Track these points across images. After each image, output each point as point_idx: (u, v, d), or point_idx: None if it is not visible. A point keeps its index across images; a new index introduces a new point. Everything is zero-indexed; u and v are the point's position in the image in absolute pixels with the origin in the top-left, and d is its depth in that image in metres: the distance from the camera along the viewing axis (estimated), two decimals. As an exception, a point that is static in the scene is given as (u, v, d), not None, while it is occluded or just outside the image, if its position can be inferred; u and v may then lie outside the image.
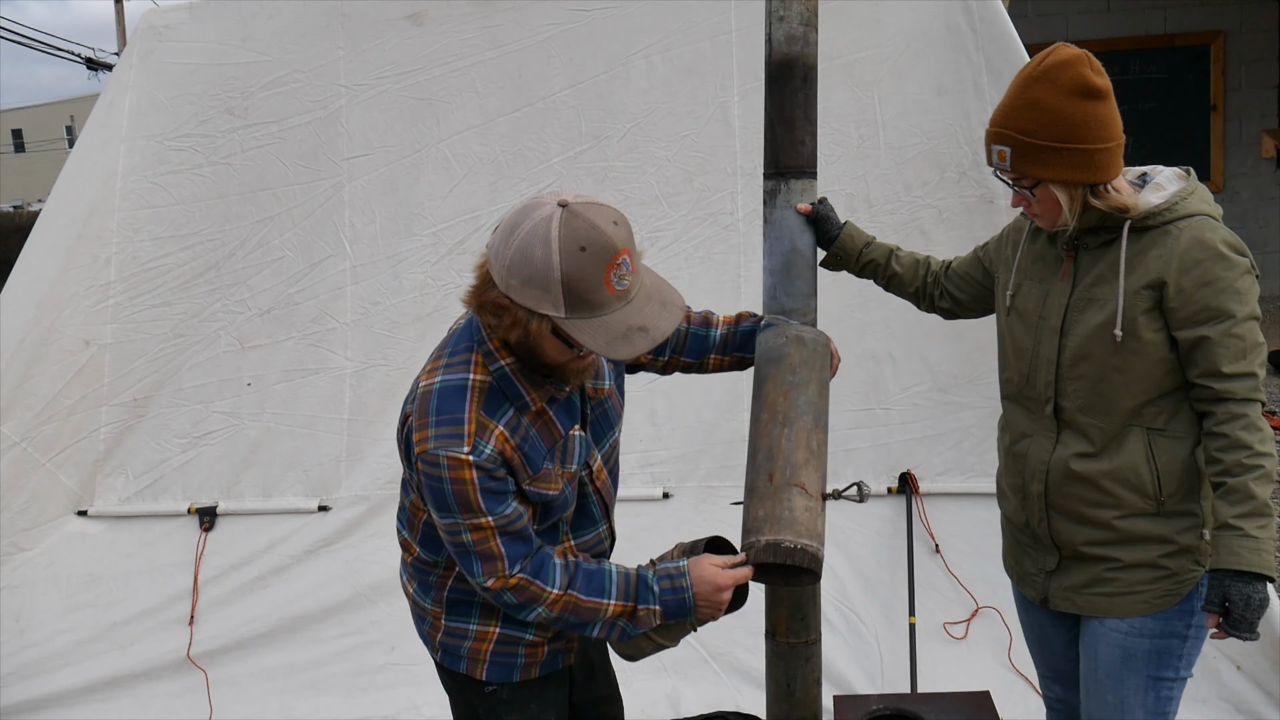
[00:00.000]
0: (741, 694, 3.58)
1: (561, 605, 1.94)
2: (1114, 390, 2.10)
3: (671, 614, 1.95)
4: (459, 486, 1.83)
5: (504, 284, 1.77)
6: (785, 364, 2.09)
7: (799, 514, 1.90)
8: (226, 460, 4.11)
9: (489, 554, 1.89)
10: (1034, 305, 2.22)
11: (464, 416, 1.84)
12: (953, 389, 3.76)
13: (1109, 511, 2.14)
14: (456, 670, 2.14)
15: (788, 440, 1.98)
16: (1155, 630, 2.16)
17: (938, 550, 3.68)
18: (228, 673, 3.89)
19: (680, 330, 2.30)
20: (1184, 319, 2.03)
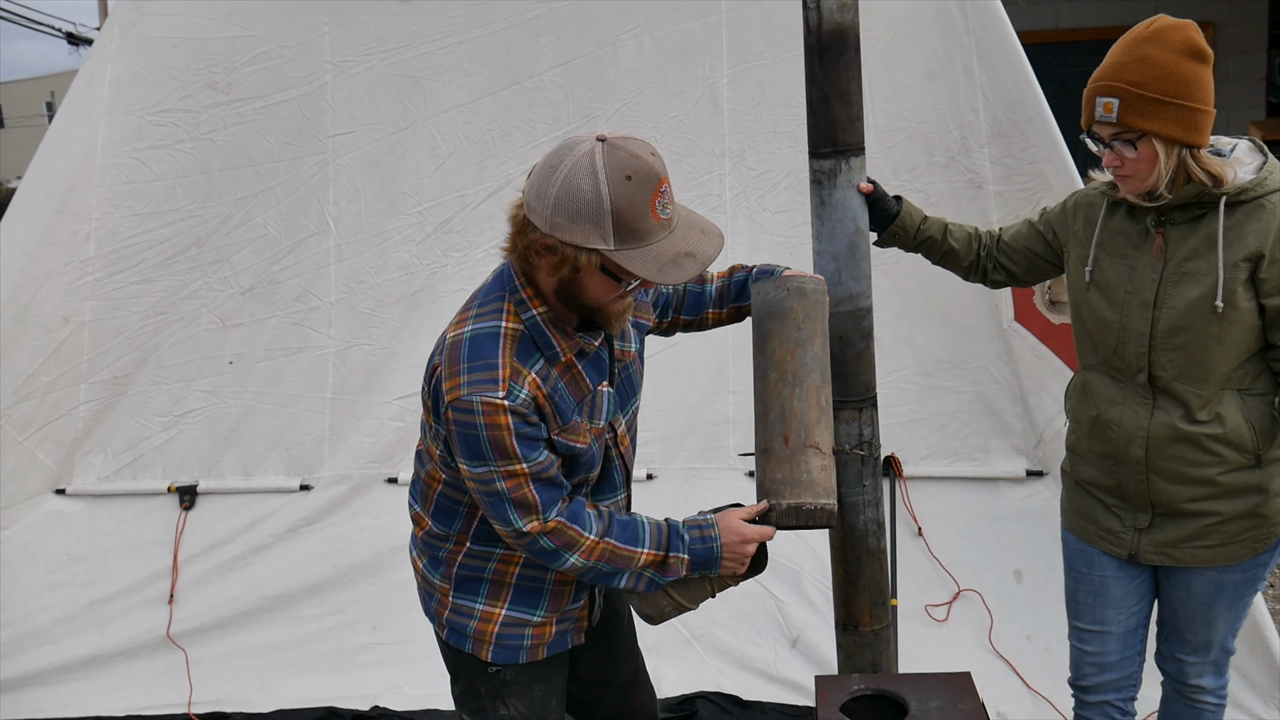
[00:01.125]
0: (723, 674, 3.58)
1: (599, 553, 1.95)
2: (1212, 358, 2.22)
3: (699, 564, 1.98)
4: (494, 432, 1.83)
5: (549, 224, 1.78)
6: (790, 319, 2.09)
7: (816, 474, 1.99)
8: (207, 439, 4.08)
9: (524, 501, 1.89)
10: (1119, 280, 2.30)
11: (497, 362, 1.85)
12: (938, 373, 3.76)
13: (1212, 469, 2.26)
14: (462, 649, 2.14)
15: (799, 400, 2.02)
16: (1247, 566, 2.35)
17: (920, 533, 3.69)
18: (208, 652, 3.87)
19: (679, 289, 2.31)
20: (1274, 288, 2.17)
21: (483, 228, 3.94)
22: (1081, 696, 2.61)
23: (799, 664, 3.59)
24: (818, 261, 2.52)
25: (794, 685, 3.52)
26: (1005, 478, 3.70)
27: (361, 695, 3.70)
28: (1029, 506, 3.60)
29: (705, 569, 2.00)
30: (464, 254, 3.96)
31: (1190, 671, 2.49)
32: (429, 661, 3.64)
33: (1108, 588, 2.50)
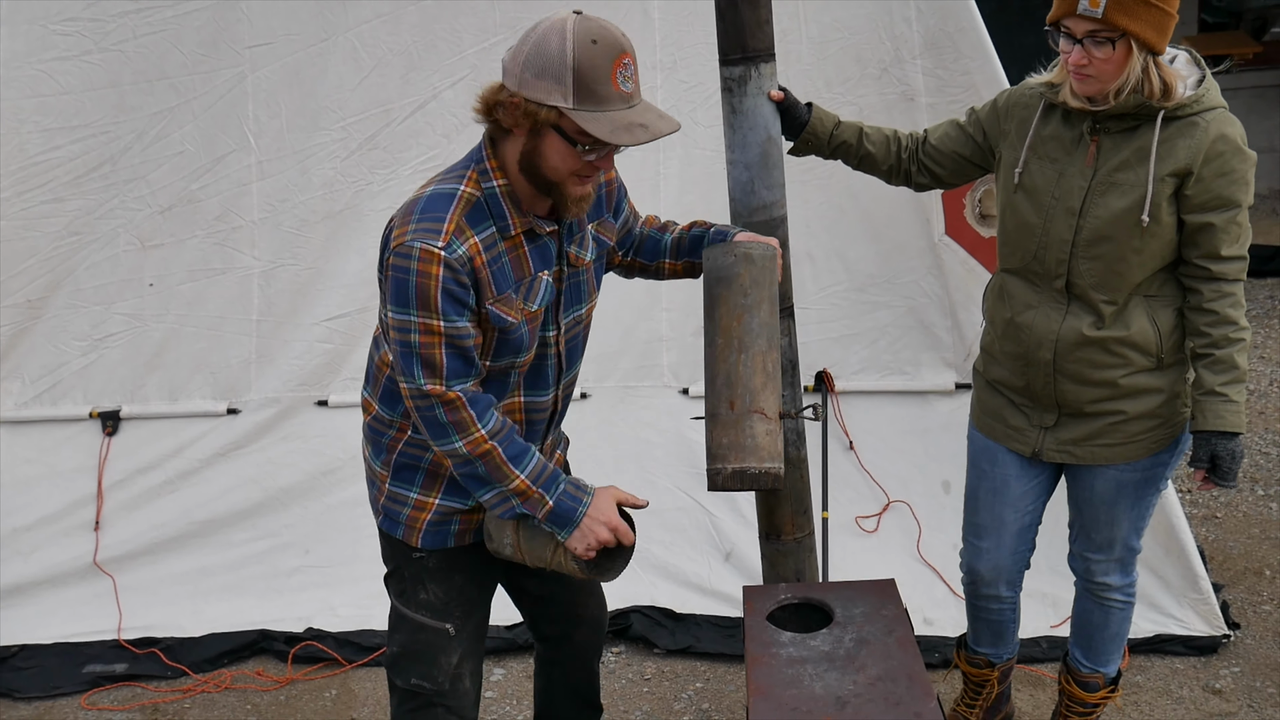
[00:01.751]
0: (657, 588, 3.62)
1: (483, 451, 1.99)
2: (1129, 269, 2.26)
3: (556, 517, 2.04)
4: (423, 280, 1.90)
5: (518, 80, 1.88)
6: (736, 285, 2.10)
7: (760, 439, 2.06)
8: (129, 363, 3.97)
9: (431, 361, 1.94)
10: (1046, 184, 2.32)
11: (445, 217, 1.93)
12: (870, 289, 3.77)
13: (1116, 371, 2.33)
14: (394, 535, 2.22)
15: (744, 366, 2.07)
16: (1147, 465, 2.44)
17: (851, 447, 3.73)
18: (137, 578, 3.82)
19: (639, 232, 2.38)
20: (1197, 205, 2.20)
21: (409, 143, 3.84)
22: (975, 589, 2.70)
23: (732, 577, 3.63)
24: (731, 171, 2.49)
25: (727, 598, 3.57)
26: (935, 391, 3.74)
27: (295, 618, 3.68)
28: (957, 419, 3.64)
29: (558, 527, 2.04)
30: (390, 170, 3.86)
31: (1096, 570, 2.57)
32: (363, 583, 3.66)
33: (1008, 486, 2.57)
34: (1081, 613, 2.67)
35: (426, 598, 2.23)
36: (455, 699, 2.28)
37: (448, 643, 2.24)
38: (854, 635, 2.29)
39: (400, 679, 2.28)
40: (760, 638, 2.32)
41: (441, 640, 2.24)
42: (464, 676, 2.28)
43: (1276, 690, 3.02)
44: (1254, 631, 3.30)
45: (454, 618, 2.23)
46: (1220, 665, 3.15)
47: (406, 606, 2.25)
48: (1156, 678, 3.12)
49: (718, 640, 3.46)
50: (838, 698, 2.08)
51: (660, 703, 3.21)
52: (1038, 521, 2.63)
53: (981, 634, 2.77)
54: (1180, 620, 3.28)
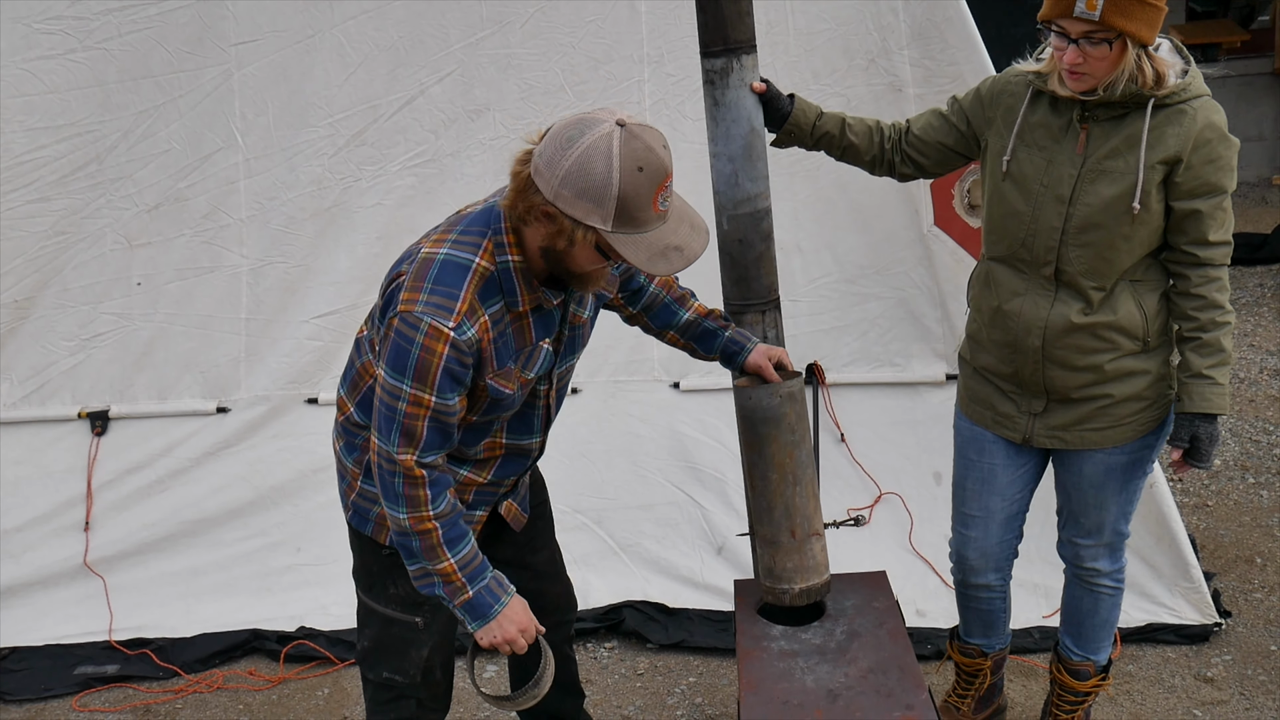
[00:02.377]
0: (650, 583, 3.61)
1: (422, 529, 1.99)
2: (1117, 255, 2.28)
3: (472, 607, 2.05)
4: (426, 355, 1.89)
5: (554, 193, 1.84)
6: (784, 424, 2.23)
7: (819, 556, 2.30)
8: (118, 362, 3.95)
9: (411, 431, 1.94)
10: (1035, 173, 2.32)
11: (460, 294, 1.91)
12: (860, 280, 3.76)
13: (1103, 356, 2.35)
14: (363, 531, 2.25)
15: (800, 497, 2.25)
16: (1134, 448, 2.46)
17: (843, 439, 3.73)
18: (128, 578, 3.81)
19: (657, 295, 2.37)
20: (1185, 192, 2.22)
21: (396, 140, 3.83)
22: (964, 578, 2.70)
23: (724, 571, 3.63)
24: (714, 164, 2.48)
25: (719, 591, 3.57)
26: (925, 382, 3.74)
27: (287, 617, 3.67)
28: (947, 410, 3.61)
29: (471, 617, 2.06)
30: (379, 167, 3.85)
31: (1086, 555, 2.58)
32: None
33: (995, 475, 2.58)
34: (1071, 599, 2.67)
35: (396, 592, 2.24)
36: (427, 691, 2.31)
37: (417, 635, 2.25)
38: (845, 628, 2.29)
39: (372, 673, 2.30)
40: (751, 631, 2.32)
41: (411, 633, 2.25)
42: (435, 669, 2.30)
43: (1268, 678, 3.03)
44: (1245, 619, 3.31)
45: (423, 611, 2.24)
46: (1212, 654, 3.16)
47: (375, 601, 2.27)
48: (1148, 667, 3.13)
49: (710, 634, 3.45)
50: (829, 690, 2.08)
51: (653, 698, 3.21)
52: (1025, 509, 2.64)
53: (972, 624, 2.78)
54: (1172, 609, 3.28)
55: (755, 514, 2.31)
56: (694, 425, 3.83)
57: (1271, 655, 3.12)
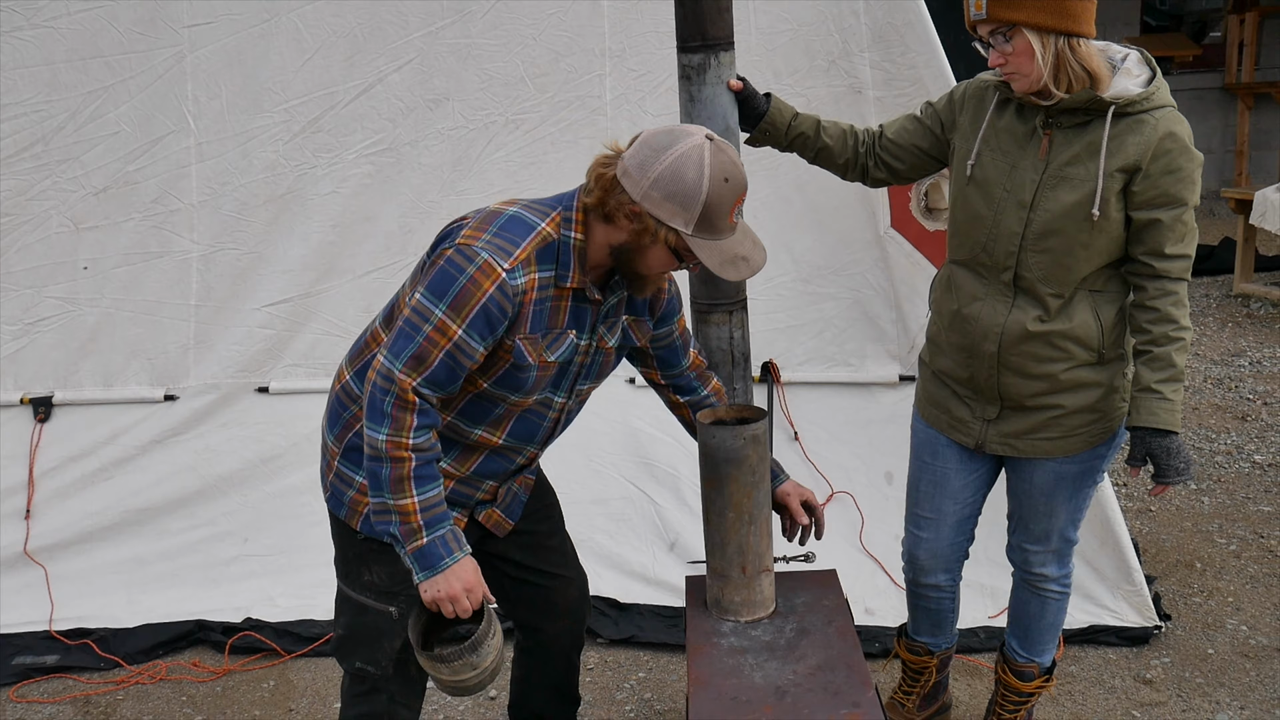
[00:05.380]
0: (602, 578, 3.61)
1: (396, 455, 1.97)
2: (1076, 262, 2.29)
3: (423, 555, 2.01)
4: (472, 287, 1.93)
5: (642, 193, 1.94)
6: (745, 465, 2.24)
7: (766, 591, 2.35)
8: (62, 348, 3.88)
9: (423, 356, 1.95)
10: (998, 177, 2.33)
11: (521, 244, 1.98)
12: (815, 279, 3.78)
13: (1057, 365, 2.35)
14: (338, 514, 2.23)
15: (754, 535, 2.28)
16: (1085, 458, 2.46)
17: (796, 438, 3.75)
18: (70, 567, 3.74)
19: (683, 368, 2.42)
20: (1143, 202, 2.23)
21: (353, 127, 3.78)
22: (915, 577, 2.73)
23: (676, 566, 3.63)
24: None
25: (671, 587, 3.57)
26: (879, 383, 3.76)
27: (233, 608, 3.62)
28: (901, 410, 3.67)
29: (419, 566, 2.02)
30: (334, 155, 3.80)
31: (1034, 560, 2.61)
32: (303, 572, 3.62)
33: (948, 479, 2.60)
34: (1018, 603, 2.70)
35: (370, 579, 2.22)
36: (399, 685, 2.28)
37: (391, 626, 2.22)
38: (795, 625, 2.31)
39: (345, 662, 2.28)
40: (701, 627, 2.32)
41: (384, 623, 2.22)
42: (409, 663, 2.26)
43: (1204, 680, 3.09)
44: (1184, 623, 3.37)
45: (398, 601, 2.21)
46: (1151, 656, 3.21)
47: (350, 588, 2.25)
48: (1089, 668, 3.18)
49: (661, 630, 3.46)
50: (777, 687, 2.09)
51: (602, 692, 3.21)
52: (977, 513, 2.66)
53: (921, 622, 2.80)
54: (1114, 611, 3.33)
55: (709, 546, 2.33)
56: (649, 421, 3.83)
57: (1209, 658, 3.19)
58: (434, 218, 3.78)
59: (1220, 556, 3.75)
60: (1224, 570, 3.66)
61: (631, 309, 2.23)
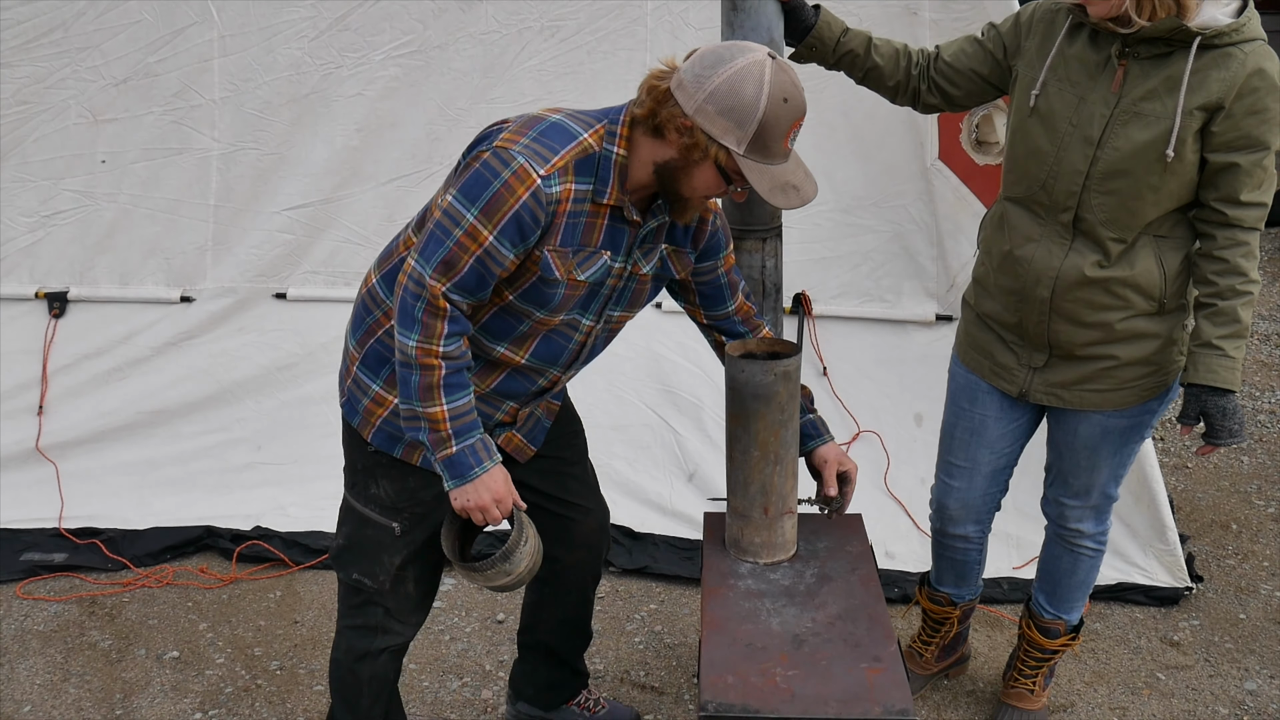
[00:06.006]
0: (618, 506, 3.51)
1: (425, 363, 1.91)
2: (1143, 206, 2.13)
3: (453, 464, 1.96)
4: (505, 193, 1.84)
5: (696, 107, 1.84)
6: (774, 402, 2.13)
7: (788, 534, 2.25)
8: (79, 243, 3.80)
9: (453, 262, 1.87)
10: (1064, 110, 2.16)
11: (560, 151, 1.89)
12: (855, 210, 3.63)
13: (1113, 314, 2.21)
14: (351, 422, 2.16)
15: (779, 476, 2.18)
16: (1135, 413, 2.33)
17: (825, 373, 3.63)
18: (81, 466, 3.71)
19: (728, 310, 2.30)
20: (1222, 144, 2.06)
21: (381, 27, 3.63)
22: (941, 527, 2.63)
23: (694, 498, 3.55)
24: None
25: (688, 519, 3.50)
26: (914, 321, 3.63)
27: (243, 515, 3.58)
28: (935, 351, 3.54)
29: (449, 474, 1.97)
30: (361, 55, 3.65)
31: (1070, 515, 2.50)
32: (315, 483, 3.56)
33: (986, 427, 2.48)
34: (1050, 558, 2.60)
35: (377, 492, 2.15)
36: (395, 601, 2.21)
37: (393, 542, 2.16)
38: (816, 570, 2.21)
39: (342, 572, 2.23)
40: (718, 567, 2.23)
41: (386, 538, 2.16)
42: (407, 580, 2.20)
43: (1234, 646, 2.99)
44: (1216, 585, 3.26)
45: (402, 518, 2.15)
46: (1180, 618, 3.11)
47: (355, 499, 2.19)
48: (1115, 626, 3.08)
49: (675, 562, 3.39)
50: (795, 635, 2.01)
51: (612, 622, 3.15)
52: (1013, 464, 2.55)
53: (945, 573, 2.71)
54: (1144, 570, 3.23)
55: (731, 485, 2.24)
56: (673, 348, 3.73)
57: (1239, 623, 3.08)
58: (462, 126, 3.64)
59: (1257, 519, 3.63)
60: (1260, 533, 3.54)
61: (672, 238, 2.11)
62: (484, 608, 3.18)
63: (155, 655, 2.99)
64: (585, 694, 2.66)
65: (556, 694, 2.63)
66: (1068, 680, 2.86)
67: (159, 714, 2.76)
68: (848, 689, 1.86)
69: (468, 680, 2.89)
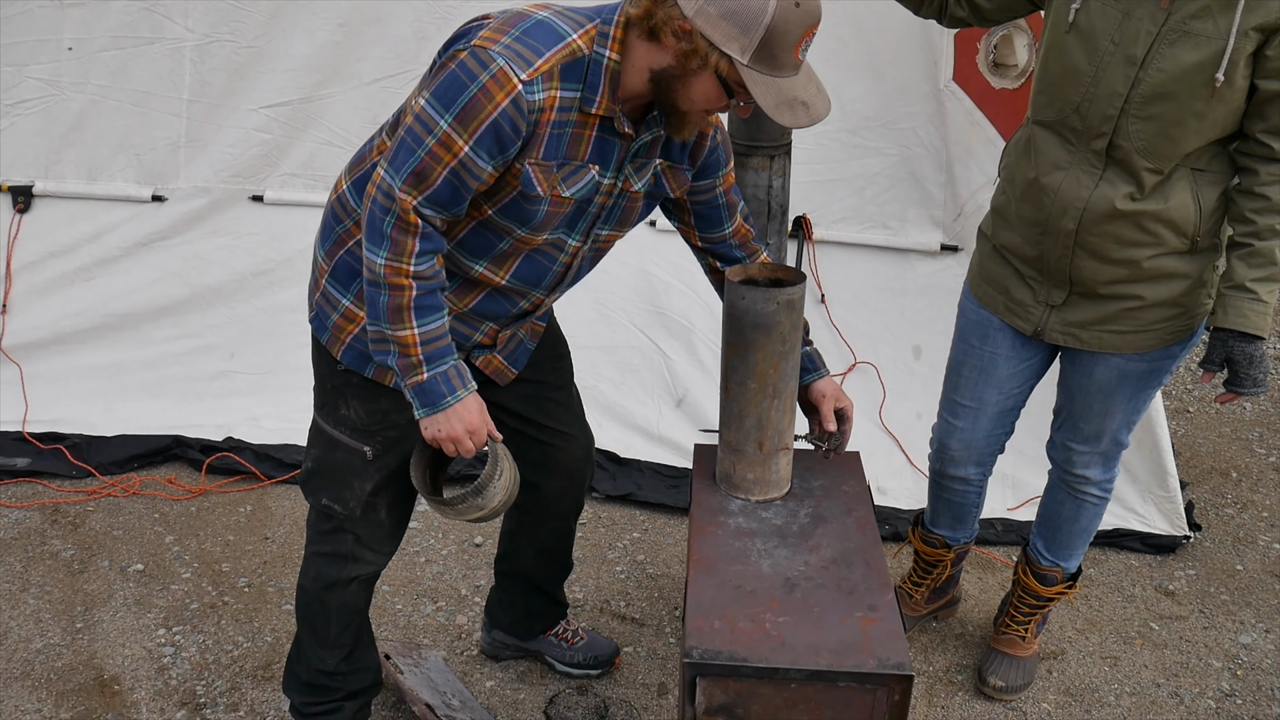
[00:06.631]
0: (603, 429, 3.42)
1: (395, 283, 1.76)
2: (1184, 135, 1.97)
3: (423, 391, 1.84)
4: (483, 99, 1.67)
5: (695, 9, 1.66)
6: (775, 333, 2.00)
7: (783, 471, 2.13)
8: (45, 134, 3.60)
9: (424, 173, 1.71)
10: (1105, 26, 1.99)
11: (545, 54, 1.71)
12: (863, 132, 3.45)
13: (1142, 250, 2.08)
14: (320, 338, 2.02)
15: (776, 410, 2.06)
16: (1155, 357, 2.21)
17: (823, 300, 3.50)
18: (47, 368, 3.57)
19: (724, 233, 2.14)
20: (1276, 70, 1.90)
21: (369, -87, 3.40)
22: (941, 468, 2.53)
23: (682, 424, 3.44)
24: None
25: (675, 446, 3.39)
26: (918, 250, 3.48)
27: (215, 426, 3.46)
28: (938, 282, 3.41)
29: (420, 403, 1.85)
30: (346, -57, 3.43)
31: (1078, 461, 2.39)
32: (290, 395, 3.43)
33: (995, 366, 2.36)
34: (1051, 504, 2.50)
35: (347, 414, 2.02)
36: (366, 529, 2.10)
37: (364, 467, 2.03)
38: (810, 510, 2.10)
39: (312, 497, 2.11)
40: (708, 503, 2.12)
41: (357, 463, 2.03)
42: (379, 507, 2.08)
43: (1230, 598, 2.92)
44: (1213, 535, 3.19)
45: (374, 441, 2.02)
46: (1176, 567, 3.04)
47: (325, 420, 2.05)
48: (1109, 572, 3.01)
49: (660, 490, 3.29)
50: (787, 579, 1.90)
51: (593, 550, 3.06)
52: (1021, 405, 2.43)
53: (941, 514, 2.61)
54: (1142, 516, 3.15)
55: (724, 417, 2.12)
56: (666, 268, 3.58)
57: (1236, 574, 3.01)
58: (452, 24, 3.33)
59: (1258, 467, 3.54)
60: (1261, 482, 3.46)
61: (668, 153, 1.94)
62: (462, 530, 3.08)
63: (119, 568, 2.89)
64: (564, 624, 2.57)
65: (533, 624, 2.54)
66: (1059, 627, 2.79)
67: (120, 628, 2.66)
68: (841, 639, 1.76)
69: (442, 605, 2.80)
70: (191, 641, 2.62)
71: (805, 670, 1.71)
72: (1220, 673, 2.64)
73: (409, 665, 2.49)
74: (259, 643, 2.63)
